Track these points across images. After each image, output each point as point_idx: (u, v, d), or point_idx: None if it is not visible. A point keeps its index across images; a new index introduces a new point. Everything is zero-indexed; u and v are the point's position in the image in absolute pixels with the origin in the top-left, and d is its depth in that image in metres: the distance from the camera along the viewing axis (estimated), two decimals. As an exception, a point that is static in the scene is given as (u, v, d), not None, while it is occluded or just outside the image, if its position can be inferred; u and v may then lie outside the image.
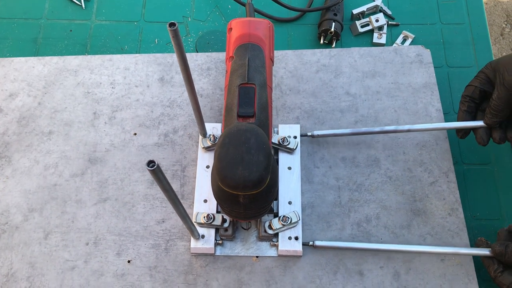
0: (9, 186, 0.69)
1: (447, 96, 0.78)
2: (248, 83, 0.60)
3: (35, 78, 0.77)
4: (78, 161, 0.71)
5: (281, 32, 0.83)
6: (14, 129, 0.73)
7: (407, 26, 0.84)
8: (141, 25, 0.84)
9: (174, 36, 0.44)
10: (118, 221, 0.67)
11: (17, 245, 0.66)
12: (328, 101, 0.75)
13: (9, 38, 0.83)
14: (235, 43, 0.63)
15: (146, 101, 0.75)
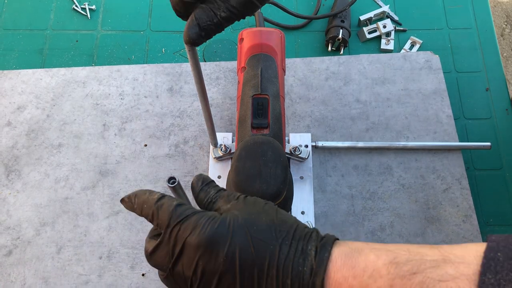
0: (20, 200, 0.69)
1: (456, 102, 0.78)
2: (261, 94, 0.60)
3: (43, 90, 0.76)
4: (89, 173, 0.70)
5: (289, 39, 0.83)
6: (23, 142, 0.72)
7: (414, 31, 0.84)
8: (148, 35, 0.84)
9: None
10: (131, 234, 0.67)
11: (30, 260, 0.65)
12: (339, 108, 0.74)
13: (15, 50, 0.82)
14: (247, 53, 0.63)
15: (156, 111, 0.74)
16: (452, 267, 0.31)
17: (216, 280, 0.37)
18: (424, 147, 0.71)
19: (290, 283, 0.35)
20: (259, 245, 0.37)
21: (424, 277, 0.32)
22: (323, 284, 0.35)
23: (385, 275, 0.33)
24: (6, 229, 0.67)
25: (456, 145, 0.71)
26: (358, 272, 0.35)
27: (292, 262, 0.36)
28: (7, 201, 0.69)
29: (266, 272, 0.36)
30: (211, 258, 0.37)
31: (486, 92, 0.79)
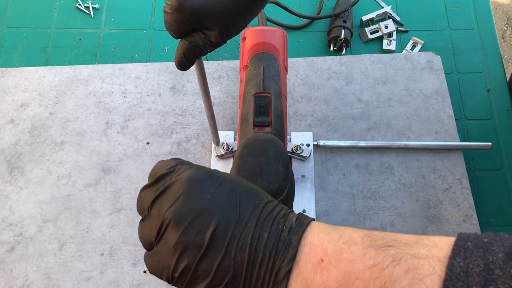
0: (23, 197, 0.69)
1: (457, 102, 0.78)
2: (263, 92, 0.60)
3: (46, 88, 0.76)
4: (92, 171, 0.71)
5: (291, 39, 0.83)
6: (26, 139, 0.73)
7: (416, 32, 0.84)
8: (151, 34, 0.84)
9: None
10: (133, 231, 0.67)
11: (32, 256, 0.66)
12: (340, 108, 0.75)
13: (18, 48, 0.83)
14: (250, 52, 0.63)
15: (158, 110, 0.75)
16: (425, 248, 0.32)
17: (191, 218, 0.36)
18: (425, 146, 0.71)
19: (267, 237, 0.35)
20: (245, 198, 0.37)
21: (397, 252, 0.32)
22: (299, 244, 0.35)
23: (360, 243, 0.34)
24: (9, 226, 0.67)
25: (457, 145, 0.72)
26: (333, 237, 0.35)
27: (273, 220, 0.36)
28: (10, 197, 0.69)
29: (246, 221, 0.36)
30: (195, 193, 0.37)
31: (487, 93, 0.79)
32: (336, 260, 0.34)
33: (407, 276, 0.31)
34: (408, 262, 0.31)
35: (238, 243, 0.35)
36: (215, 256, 0.35)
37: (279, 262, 0.35)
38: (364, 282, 0.32)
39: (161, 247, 0.37)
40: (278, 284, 0.34)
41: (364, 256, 0.33)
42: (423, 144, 0.71)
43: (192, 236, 0.36)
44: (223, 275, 0.35)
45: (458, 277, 0.29)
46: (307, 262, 0.34)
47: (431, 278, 0.30)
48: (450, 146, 0.72)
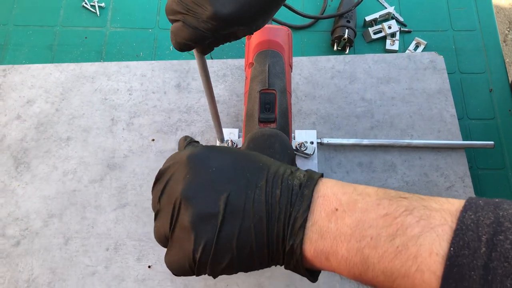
0: (29, 192, 0.70)
1: (460, 102, 0.79)
2: (268, 89, 0.61)
3: (52, 85, 0.77)
4: (97, 167, 0.71)
5: (295, 39, 0.84)
6: (32, 135, 0.73)
7: (419, 32, 0.85)
8: (156, 32, 0.85)
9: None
10: (138, 226, 0.68)
11: (38, 250, 0.66)
12: (344, 106, 0.75)
13: (25, 45, 0.83)
14: (255, 49, 0.64)
15: (163, 107, 0.75)
16: (437, 203, 0.33)
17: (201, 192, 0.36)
18: (428, 145, 0.72)
19: (279, 193, 0.36)
20: (249, 163, 0.38)
21: (410, 203, 0.33)
22: (312, 196, 0.36)
23: (374, 195, 0.35)
24: (15, 220, 0.68)
25: (459, 144, 0.72)
26: (348, 190, 0.36)
27: (282, 178, 0.37)
28: (16, 192, 0.70)
29: (255, 183, 0.37)
30: (200, 169, 0.37)
31: (490, 93, 0.80)
32: (351, 209, 0.35)
33: (419, 224, 0.32)
34: (421, 212, 0.32)
35: (254, 203, 0.36)
36: (235, 223, 0.35)
37: (294, 213, 0.35)
38: (377, 229, 0.33)
39: (177, 232, 0.37)
40: (295, 235, 0.35)
41: (378, 206, 0.34)
42: (426, 143, 0.72)
43: (206, 207, 0.36)
44: (246, 240, 0.35)
45: (469, 228, 0.30)
46: (321, 212, 0.35)
47: (442, 227, 0.31)
48: (452, 145, 0.72)
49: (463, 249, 0.29)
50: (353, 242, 0.34)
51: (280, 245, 0.36)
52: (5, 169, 0.71)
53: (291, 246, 0.35)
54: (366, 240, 0.33)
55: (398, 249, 0.32)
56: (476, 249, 0.29)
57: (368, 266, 0.33)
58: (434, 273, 0.30)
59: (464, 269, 0.29)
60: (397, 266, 0.32)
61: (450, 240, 0.30)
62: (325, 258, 0.35)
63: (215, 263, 0.36)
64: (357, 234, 0.33)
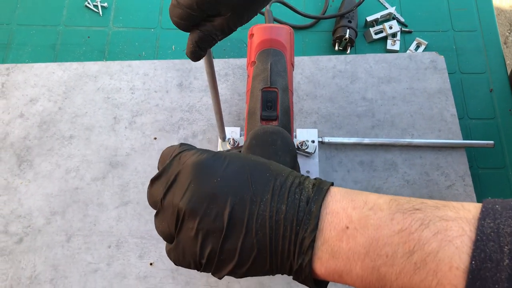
0: (31, 190, 0.70)
1: (460, 102, 0.79)
2: (270, 87, 0.61)
3: (55, 84, 0.78)
4: (99, 165, 0.72)
5: (296, 38, 0.84)
6: (35, 133, 0.74)
7: (420, 33, 0.85)
8: (158, 32, 0.85)
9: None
10: (140, 224, 0.68)
11: (40, 247, 0.67)
12: (345, 106, 0.76)
13: (28, 45, 0.84)
14: (257, 48, 0.64)
15: (166, 106, 0.76)
16: (453, 211, 0.32)
17: (206, 204, 0.36)
18: (428, 144, 0.72)
19: (285, 209, 0.35)
20: (255, 173, 0.37)
21: (425, 215, 0.32)
22: (319, 212, 0.35)
23: (386, 209, 0.33)
24: (18, 217, 0.68)
25: (460, 143, 0.73)
26: (358, 204, 0.35)
27: (288, 191, 0.36)
28: (19, 190, 0.70)
29: (260, 196, 0.36)
30: (204, 178, 0.36)
31: (490, 93, 0.80)
32: (363, 227, 0.33)
33: (436, 238, 0.31)
34: (437, 224, 0.31)
35: (257, 219, 0.35)
36: (237, 237, 0.35)
37: (302, 232, 0.34)
38: (392, 247, 0.32)
39: (183, 238, 0.37)
40: (304, 253, 0.34)
41: (392, 221, 0.33)
42: (427, 142, 0.72)
43: (210, 222, 0.35)
44: (248, 253, 0.35)
45: (489, 238, 0.29)
46: (331, 230, 0.34)
47: (461, 239, 0.30)
48: (453, 144, 0.73)
49: (485, 262, 0.29)
50: (367, 261, 0.33)
51: (285, 263, 0.35)
52: (8, 167, 0.71)
53: (299, 265, 0.35)
54: (382, 259, 0.32)
55: (416, 265, 0.31)
56: (499, 261, 0.28)
57: (386, 284, 0.32)
58: (456, 287, 0.30)
59: (487, 282, 0.28)
60: (417, 282, 0.31)
61: (471, 253, 0.29)
62: (338, 276, 0.34)
63: (219, 270, 0.37)
64: (372, 253, 0.32)
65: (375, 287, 0.33)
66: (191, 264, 0.38)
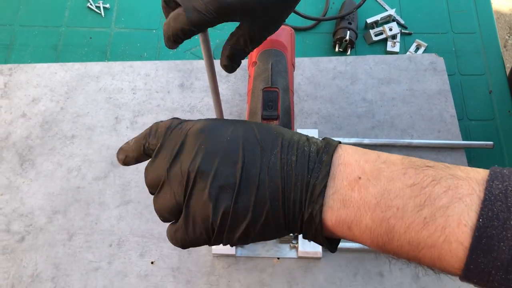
0: (33, 189, 0.70)
1: (460, 103, 0.80)
2: (271, 87, 0.62)
3: (57, 84, 0.78)
4: (101, 164, 0.72)
5: (297, 40, 0.85)
6: (37, 133, 0.74)
7: (420, 35, 0.86)
8: (160, 33, 0.86)
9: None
10: (141, 223, 0.68)
11: (42, 246, 0.67)
12: (345, 107, 0.76)
13: (30, 45, 0.84)
14: (258, 48, 0.65)
15: (167, 106, 0.76)
16: (463, 172, 0.32)
17: (217, 163, 0.35)
18: (428, 145, 0.73)
19: (295, 160, 0.35)
20: (262, 132, 0.37)
21: (437, 172, 0.32)
22: (331, 161, 0.35)
23: (399, 164, 0.34)
24: (20, 216, 0.69)
25: (459, 144, 0.73)
26: (371, 158, 0.35)
27: (297, 145, 0.36)
28: (21, 189, 0.70)
29: (270, 150, 0.36)
30: (213, 140, 0.36)
31: (489, 95, 0.81)
32: (375, 178, 0.34)
33: (447, 194, 0.31)
34: (448, 181, 0.32)
35: (269, 171, 0.35)
36: (250, 190, 0.35)
37: (313, 180, 0.34)
38: (403, 200, 0.32)
39: (193, 203, 0.36)
40: (315, 202, 0.34)
41: (404, 175, 0.33)
42: (426, 143, 0.73)
43: (223, 178, 0.35)
44: (261, 207, 0.35)
45: (497, 198, 0.30)
46: (343, 180, 0.34)
47: (471, 197, 0.31)
48: (452, 144, 0.73)
49: (492, 220, 0.29)
50: (378, 212, 0.33)
51: (297, 213, 0.35)
52: (11, 166, 0.72)
53: (310, 213, 0.34)
54: (392, 211, 0.32)
55: (425, 220, 0.31)
56: (506, 219, 0.29)
57: (394, 236, 0.33)
58: (462, 243, 0.30)
59: (493, 240, 0.29)
60: (424, 237, 0.31)
61: (479, 211, 0.30)
62: (347, 227, 0.34)
63: (232, 231, 0.36)
64: (383, 204, 0.33)
65: (382, 240, 0.33)
66: (202, 234, 0.36)
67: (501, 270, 0.29)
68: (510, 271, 0.29)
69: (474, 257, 0.30)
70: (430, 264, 0.32)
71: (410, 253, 0.33)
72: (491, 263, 0.29)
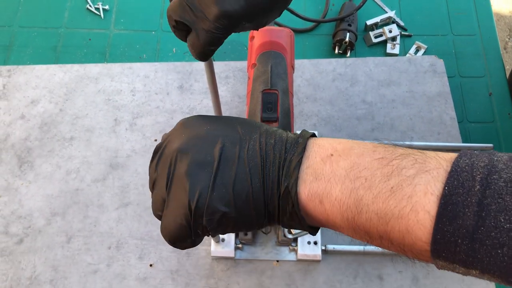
0: (32, 191, 0.70)
1: (460, 105, 0.80)
2: (271, 89, 0.61)
3: (56, 85, 0.78)
4: (100, 166, 0.72)
5: (297, 42, 0.85)
6: (36, 134, 0.74)
7: (419, 37, 0.86)
8: (159, 35, 0.86)
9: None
10: (140, 225, 0.68)
11: (40, 248, 0.67)
12: (345, 108, 0.76)
13: (29, 46, 0.84)
14: (258, 50, 0.65)
15: (166, 108, 0.76)
16: (433, 153, 0.33)
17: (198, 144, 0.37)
18: (428, 147, 0.73)
19: (273, 142, 0.37)
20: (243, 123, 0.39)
21: (405, 151, 0.34)
22: (306, 143, 0.37)
23: (370, 144, 0.36)
24: (18, 218, 0.68)
25: (459, 146, 0.73)
26: (343, 141, 0.37)
27: (275, 133, 0.38)
28: (19, 191, 0.70)
29: (249, 136, 0.38)
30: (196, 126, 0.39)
31: (489, 97, 0.81)
32: (346, 154, 0.35)
33: (414, 167, 0.32)
34: (416, 156, 0.33)
35: (248, 151, 0.37)
36: (230, 168, 0.36)
37: (289, 156, 0.36)
38: (371, 170, 0.33)
39: (174, 187, 0.37)
40: (290, 176, 0.35)
41: (374, 152, 0.35)
42: (426, 145, 0.73)
43: (201, 156, 0.37)
44: (242, 185, 0.36)
45: (463, 170, 0.30)
46: (316, 157, 0.36)
47: (438, 170, 0.31)
48: (452, 147, 0.73)
49: (458, 188, 0.30)
50: (347, 183, 0.34)
51: (275, 189, 0.36)
52: (9, 168, 0.72)
53: (286, 187, 0.36)
54: (361, 181, 0.33)
55: (392, 189, 0.32)
56: (471, 187, 0.29)
57: (362, 208, 0.33)
58: (429, 212, 0.30)
59: (458, 207, 0.29)
60: (391, 207, 0.32)
61: (445, 181, 0.30)
62: (319, 200, 0.35)
63: (212, 213, 0.36)
64: (352, 175, 0.34)
65: (351, 213, 0.34)
66: (182, 221, 0.36)
67: (467, 238, 0.29)
68: (475, 239, 0.29)
69: (441, 226, 0.30)
70: (400, 240, 0.32)
71: (379, 226, 0.33)
72: (457, 231, 0.29)
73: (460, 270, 0.31)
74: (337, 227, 0.36)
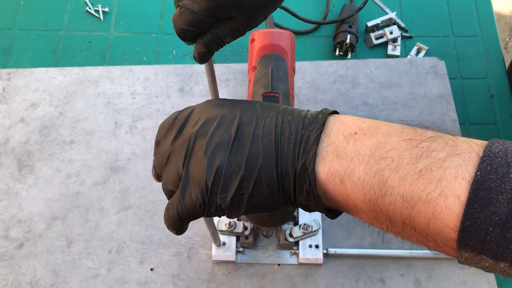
0: (32, 195, 0.70)
1: (461, 107, 0.79)
2: (272, 92, 0.61)
3: (56, 88, 0.78)
4: (100, 169, 0.72)
5: (297, 44, 0.84)
6: (36, 138, 0.74)
7: (420, 38, 0.85)
8: (159, 37, 0.85)
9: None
10: (141, 229, 0.68)
11: (41, 253, 0.66)
12: (346, 111, 0.76)
13: (29, 49, 0.84)
14: (258, 53, 0.65)
15: (167, 111, 0.76)
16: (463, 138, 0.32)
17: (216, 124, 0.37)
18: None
19: (291, 118, 0.36)
20: (261, 105, 0.39)
21: (436, 133, 0.32)
22: (327, 118, 0.35)
23: (397, 125, 0.34)
24: (18, 222, 0.68)
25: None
26: (367, 120, 0.35)
27: (293, 111, 0.37)
28: (19, 195, 0.70)
29: (267, 113, 0.37)
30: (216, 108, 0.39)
31: (491, 98, 0.81)
32: (371, 133, 0.33)
33: (445, 150, 0.30)
34: (446, 139, 0.31)
35: (263, 128, 0.36)
36: (244, 145, 0.36)
37: (307, 133, 0.34)
38: (399, 152, 0.31)
39: (192, 165, 0.37)
40: (308, 152, 0.34)
41: (402, 133, 0.32)
42: (428, 147, 0.72)
43: (219, 136, 0.36)
44: (254, 162, 0.35)
45: (497, 155, 0.29)
46: (338, 134, 0.34)
47: (469, 154, 0.30)
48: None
49: (491, 173, 0.28)
50: (372, 163, 0.32)
51: (290, 167, 0.35)
52: (9, 172, 0.71)
53: (302, 164, 0.34)
54: (387, 162, 0.31)
55: (421, 172, 0.30)
56: (505, 174, 0.28)
57: (387, 190, 0.31)
58: (459, 197, 0.29)
59: (491, 193, 0.28)
60: (419, 190, 0.30)
61: (477, 166, 0.29)
62: (339, 180, 0.33)
63: (225, 190, 0.35)
64: (377, 155, 0.32)
65: (375, 194, 0.32)
66: (198, 197, 0.36)
67: (499, 226, 0.27)
68: (508, 228, 0.27)
69: (471, 212, 0.28)
70: (424, 226, 0.30)
71: (404, 210, 0.31)
72: (489, 218, 0.27)
73: (487, 263, 0.29)
74: (356, 210, 0.34)
